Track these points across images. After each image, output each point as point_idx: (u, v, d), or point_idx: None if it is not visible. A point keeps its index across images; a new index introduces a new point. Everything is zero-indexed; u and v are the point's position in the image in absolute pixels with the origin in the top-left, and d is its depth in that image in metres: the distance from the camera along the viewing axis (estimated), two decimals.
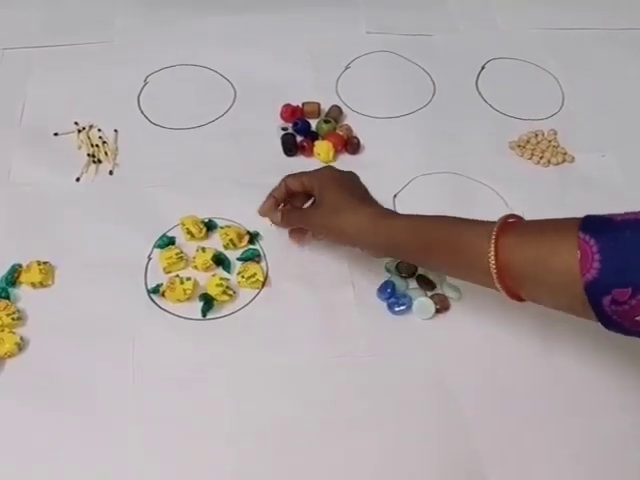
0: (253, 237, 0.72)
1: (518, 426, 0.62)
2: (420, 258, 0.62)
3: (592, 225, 0.48)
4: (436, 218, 0.60)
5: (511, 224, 0.54)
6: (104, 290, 0.68)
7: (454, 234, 0.57)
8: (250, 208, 0.73)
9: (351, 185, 0.66)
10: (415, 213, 0.62)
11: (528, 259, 0.51)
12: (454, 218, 0.59)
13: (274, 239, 0.72)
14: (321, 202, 0.65)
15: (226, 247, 0.71)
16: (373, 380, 0.64)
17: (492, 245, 0.52)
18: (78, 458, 0.58)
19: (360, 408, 0.62)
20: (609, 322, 0.48)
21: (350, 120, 0.85)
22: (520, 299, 0.54)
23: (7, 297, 0.66)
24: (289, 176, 0.68)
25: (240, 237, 0.71)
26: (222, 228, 0.72)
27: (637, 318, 0.46)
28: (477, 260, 0.54)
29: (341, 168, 0.77)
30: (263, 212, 0.69)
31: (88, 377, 0.62)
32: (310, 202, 0.69)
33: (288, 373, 0.64)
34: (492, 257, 0.52)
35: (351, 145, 0.81)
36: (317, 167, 0.78)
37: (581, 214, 0.76)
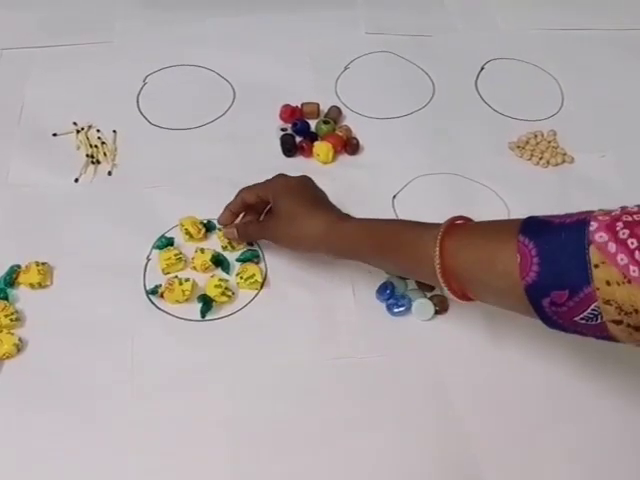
0: None
1: (517, 428, 0.61)
2: (374, 261, 0.63)
3: (531, 228, 0.49)
4: (389, 222, 0.63)
5: (457, 227, 0.56)
6: (103, 291, 0.67)
7: (404, 237, 0.59)
8: None
9: (305, 191, 0.67)
10: (371, 218, 0.63)
11: (471, 263, 0.53)
12: (406, 222, 0.61)
13: None
14: (276, 211, 0.66)
15: (225, 249, 0.71)
16: (372, 381, 0.63)
17: (437, 249, 0.54)
18: (77, 459, 0.58)
19: (359, 409, 0.62)
20: (550, 322, 0.49)
21: (349, 121, 0.85)
22: (468, 299, 0.56)
23: (5, 298, 0.66)
24: (244, 189, 0.69)
25: None
26: (221, 230, 0.72)
27: (575, 319, 0.47)
28: (425, 263, 0.55)
29: (340, 169, 0.78)
30: (221, 223, 0.71)
31: (87, 378, 0.62)
32: (265, 210, 0.70)
33: (287, 374, 0.63)
34: (437, 261, 0.54)
35: (350, 146, 0.81)
36: (316, 168, 0.79)
37: None
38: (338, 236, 0.62)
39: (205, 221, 0.73)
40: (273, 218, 0.67)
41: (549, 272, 0.47)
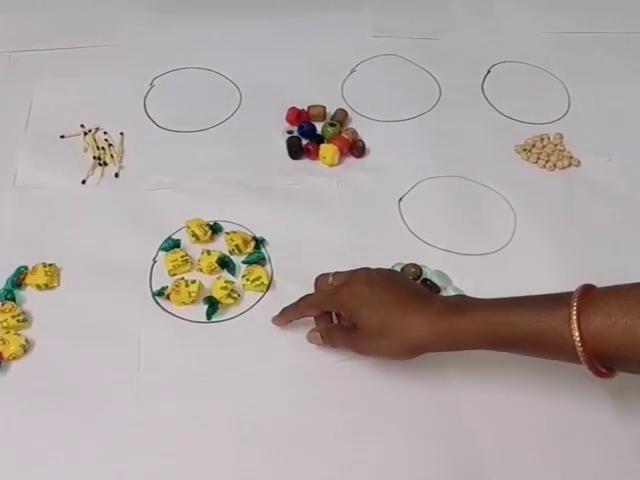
0: (259, 242, 0.72)
1: (522, 429, 0.61)
2: (497, 350, 0.56)
3: None
4: (508, 308, 0.54)
5: (590, 305, 0.50)
6: (109, 292, 0.68)
7: (530, 329, 0.52)
8: (255, 211, 0.73)
9: (388, 293, 0.57)
10: (489, 299, 0.57)
11: (621, 344, 0.48)
12: (527, 303, 0.54)
13: (279, 243, 0.72)
14: (360, 327, 0.58)
15: (232, 252, 0.71)
16: (376, 385, 0.63)
17: (577, 334, 0.49)
18: (82, 460, 0.58)
19: (364, 412, 0.62)
20: None
21: (355, 123, 0.85)
22: (610, 374, 0.52)
23: (13, 299, 0.66)
24: (307, 301, 0.62)
25: (246, 243, 0.71)
26: (228, 234, 0.72)
27: None
28: (561, 351, 0.51)
29: (346, 171, 0.77)
30: (275, 324, 0.66)
31: (93, 379, 0.62)
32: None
33: (292, 376, 0.63)
34: (580, 347, 0.49)
35: (356, 148, 0.81)
36: (322, 171, 0.78)
37: (587, 218, 0.76)
38: (446, 341, 0.55)
39: (211, 223, 0.73)
40: (359, 332, 0.58)
41: None
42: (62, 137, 0.81)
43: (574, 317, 0.49)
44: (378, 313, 0.56)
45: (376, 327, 0.56)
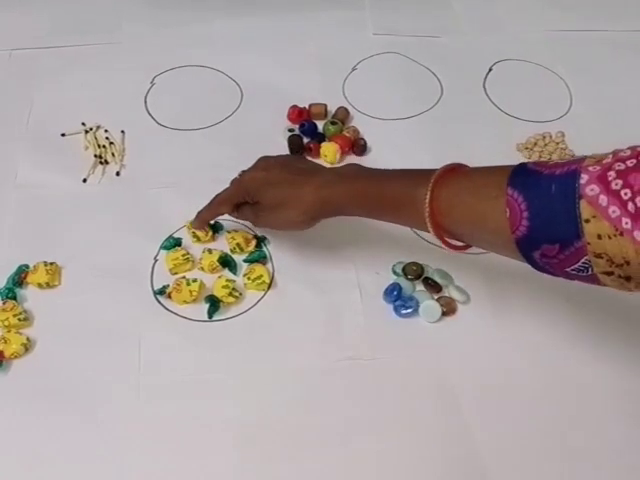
0: (260, 241, 0.72)
1: (523, 431, 0.61)
2: (367, 217, 0.64)
3: (520, 179, 0.49)
4: (379, 183, 0.61)
5: (445, 185, 0.55)
6: (110, 291, 0.68)
7: (395, 202, 0.59)
8: None
9: (283, 172, 0.65)
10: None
11: (463, 222, 0.54)
12: (394, 179, 0.60)
13: (281, 241, 0.72)
14: (262, 205, 0.66)
15: (233, 251, 0.71)
16: (379, 383, 0.63)
17: (427, 209, 0.54)
18: (83, 459, 0.58)
19: (365, 411, 0.62)
20: (542, 270, 0.50)
21: (357, 122, 0.85)
22: (464, 248, 0.57)
23: (14, 298, 0.66)
24: (218, 200, 0.68)
25: (247, 241, 0.71)
26: (229, 232, 0.72)
27: (567, 270, 0.48)
28: (418, 223, 0.56)
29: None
30: (196, 228, 0.71)
31: (94, 377, 0.62)
32: None
33: (294, 375, 0.63)
34: (429, 222, 0.55)
35: (358, 146, 0.81)
36: None
37: None
38: (331, 202, 0.62)
39: (212, 222, 0.73)
40: (263, 207, 0.66)
41: (539, 227, 0.47)
42: (63, 135, 0.81)
43: (428, 193, 0.54)
44: (276, 189, 0.64)
45: (276, 201, 0.64)
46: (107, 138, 0.81)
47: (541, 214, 0.47)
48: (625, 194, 0.43)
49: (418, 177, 0.57)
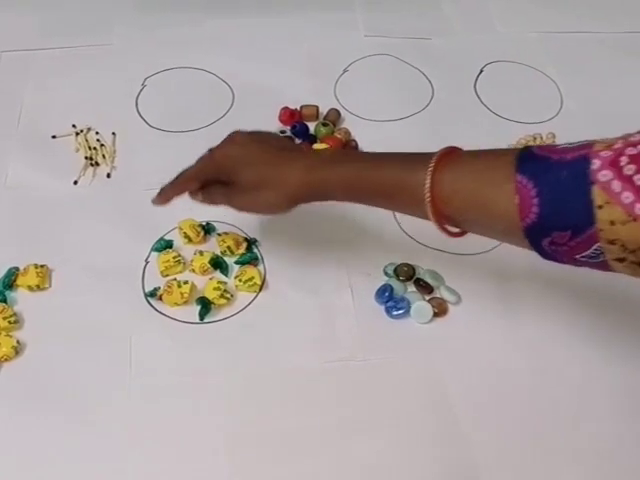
0: (251, 244, 0.72)
1: (516, 432, 0.61)
2: (357, 202, 0.59)
3: (529, 165, 0.47)
4: (373, 167, 0.57)
5: (446, 169, 0.51)
6: (101, 293, 0.67)
7: (391, 187, 0.55)
8: None
9: (263, 149, 0.60)
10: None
11: (466, 209, 0.51)
12: (391, 163, 0.56)
13: (272, 243, 0.72)
14: (238, 185, 0.60)
15: (223, 254, 0.71)
16: (371, 384, 0.63)
17: (427, 193, 0.51)
18: (74, 462, 0.57)
19: (357, 413, 0.62)
20: (549, 257, 0.48)
21: (348, 123, 0.85)
22: (462, 234, 0.54)
23: (4, 300, 0.66)
24: (184, 177, 0.63)
25: (237, 244, 0.71)
26: (219, 235, 0.72)
27: (576, 257, 0.46)
28: (416, 208, 0.53)
29: None
30: (156, 204, 0.65)
31: (85, 380, 0.62)
32: None
33: (285, 376, 0.63)
34: (429, 205, 0.51)
35: (349, 148, 0.81)
36: None
37: None
38: (318, 187, 0.58)
39: (204, 223, 0.72)
40: (237, 188, 0.60)
41: (550, 213, 0.45)
42: (54, 137, 0.81)
43: (428, 178, 0.51)
44: (254, 167, 0.59)
45: (254, 181, 0.59)
46: (98, 140, 0.80)
47: (552, 201, 0.45)
48: (638, 179, 0.42)
49: (414, 161, 0.53)
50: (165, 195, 0.65)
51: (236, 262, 0.71)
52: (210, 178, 0.62)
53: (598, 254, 0.45)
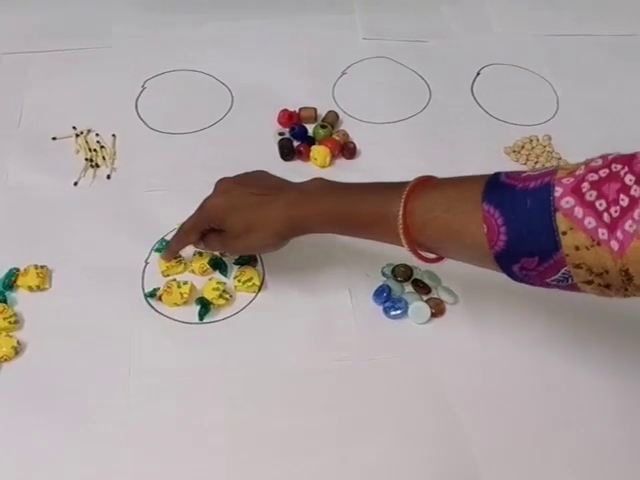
0: None
1: (515, 431, 0.62)
2: (340, 234, 0.63)
3: (495, 194, 0.49)
4: (350, 201, 0.59)
5: (417, 200, 0.54)
6: (101, 294, 0.68)
7: (367, 220, 0.57)
8: None
9: (245, 195, 0.62)
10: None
11: (438, 239, 0.53)
12: (366, 195, 0.58)
13: None
14: (228, 232, 0.63)
15: (222, 254, 0.71)
16: (369, 385, 0.64)
17: (400, 222, 0.53)
18: (74, 462, 0.58)
19: (356, 413, 0.62)
20: (521, 281, 0.51)
21: (346, 125, 0.86)
22: (438, 259, 0.57)
23: (4, 301, 0.66)
24: (185, 230, 0.66)
25: None
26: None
27: (546, 280, 0.48)
28: (392, 234, 0.55)
29: (337, 173, 0.78)
30: (166, 260, 0.69)
31: (85, 381, 0.62)
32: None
33: (284, 377, 0.64)
34: (402, 234, 0.54)
35: (347, 150, 0.82)
36: (314, 172, 0.79)
37: None
38: (301, 222, 0.60)
39: None
40: (229, 234, 0.63)
41: (517, 241, 0.47)
42: (54, 139, 0.81)
43: (401, 209, 0.53)
44: (240, 213, 0.61)
45: (242, 226, 0.61)
46: (98, 142, 0.81)
47: (518, 229, 0.47)
48: (600, 205, 0.44)
49: (389, 192, 0.56)
50: (171, 251, 0.69)
51: (235, 263, 0.71)
52: (206, 227, 0.65)
53: (567, 277, 0.47)
